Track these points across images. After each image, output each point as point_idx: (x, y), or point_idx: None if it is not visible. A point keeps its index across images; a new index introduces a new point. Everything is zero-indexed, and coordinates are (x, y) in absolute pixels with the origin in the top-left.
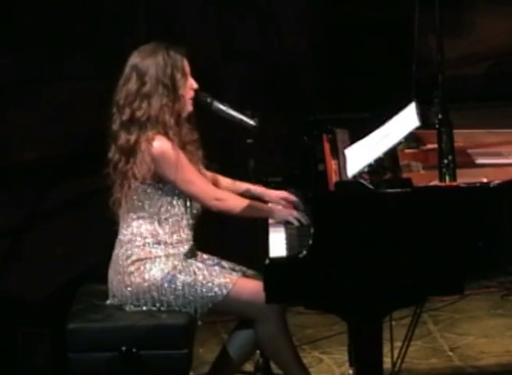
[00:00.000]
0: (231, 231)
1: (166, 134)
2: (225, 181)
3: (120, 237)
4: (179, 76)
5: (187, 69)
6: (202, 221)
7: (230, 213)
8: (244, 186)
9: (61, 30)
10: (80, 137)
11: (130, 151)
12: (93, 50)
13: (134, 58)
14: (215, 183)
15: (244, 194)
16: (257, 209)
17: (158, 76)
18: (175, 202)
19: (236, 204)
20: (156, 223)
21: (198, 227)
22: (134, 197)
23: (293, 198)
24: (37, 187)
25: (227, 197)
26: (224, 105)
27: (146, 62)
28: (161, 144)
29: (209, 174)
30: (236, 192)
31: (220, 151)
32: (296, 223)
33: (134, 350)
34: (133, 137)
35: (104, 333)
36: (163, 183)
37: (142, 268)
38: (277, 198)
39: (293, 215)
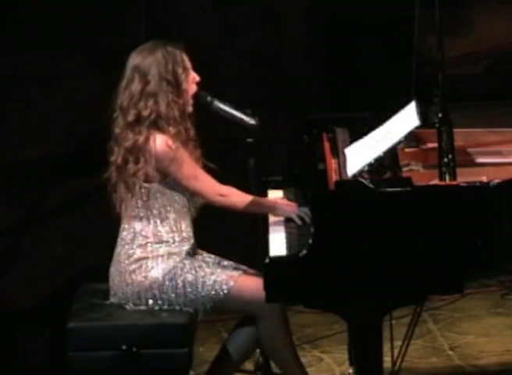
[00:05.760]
0: (231, 230)
1: (168, 131)
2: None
3: (122, 236)
4: (180, 70)
5: (188, 63)
6: (203, 220)
7: (233, 209)
8: None
9: (61, 30)
10: (79, 136)
11: (139, 151)
12: (93, 50)
13: (134, 59)
14: None
15: None
16: (260, 205)
17: (160, 73)
18: (177, 198)
19: (240, 200)
20: (158, 223)
21: (199, 226)
22: (137, 197)
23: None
24: (36, 186)
25: (231, 192)
26: (224, 104)
27: (146, 62)
28: (162, 142)
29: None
30: None
31: (220, 150)
32: (298, 221)
33: (134, 349)
34: (141, 137)
35: (104, 332)
36: (169, 179)
37: (144, 266)
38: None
39: (295, 212)
